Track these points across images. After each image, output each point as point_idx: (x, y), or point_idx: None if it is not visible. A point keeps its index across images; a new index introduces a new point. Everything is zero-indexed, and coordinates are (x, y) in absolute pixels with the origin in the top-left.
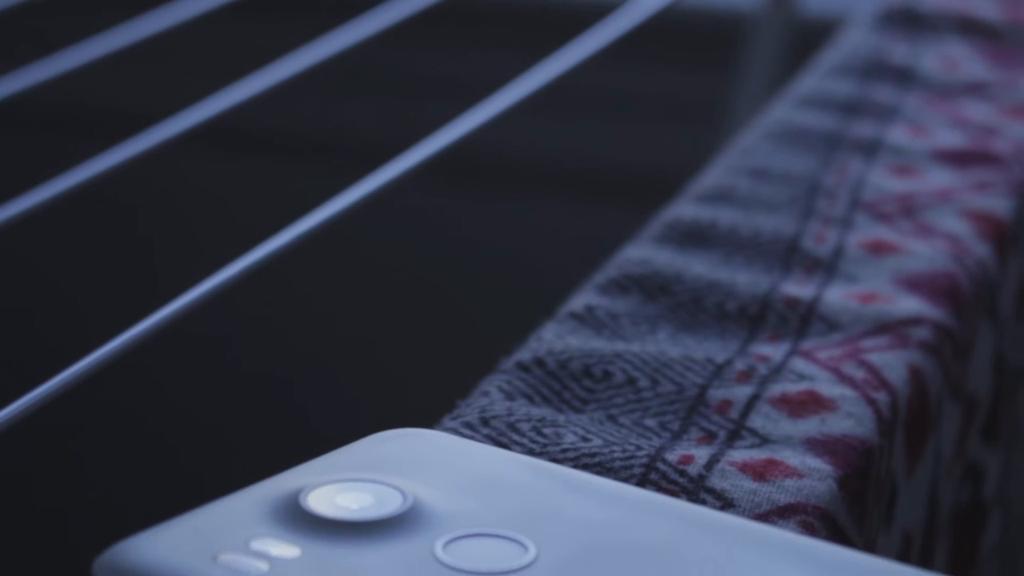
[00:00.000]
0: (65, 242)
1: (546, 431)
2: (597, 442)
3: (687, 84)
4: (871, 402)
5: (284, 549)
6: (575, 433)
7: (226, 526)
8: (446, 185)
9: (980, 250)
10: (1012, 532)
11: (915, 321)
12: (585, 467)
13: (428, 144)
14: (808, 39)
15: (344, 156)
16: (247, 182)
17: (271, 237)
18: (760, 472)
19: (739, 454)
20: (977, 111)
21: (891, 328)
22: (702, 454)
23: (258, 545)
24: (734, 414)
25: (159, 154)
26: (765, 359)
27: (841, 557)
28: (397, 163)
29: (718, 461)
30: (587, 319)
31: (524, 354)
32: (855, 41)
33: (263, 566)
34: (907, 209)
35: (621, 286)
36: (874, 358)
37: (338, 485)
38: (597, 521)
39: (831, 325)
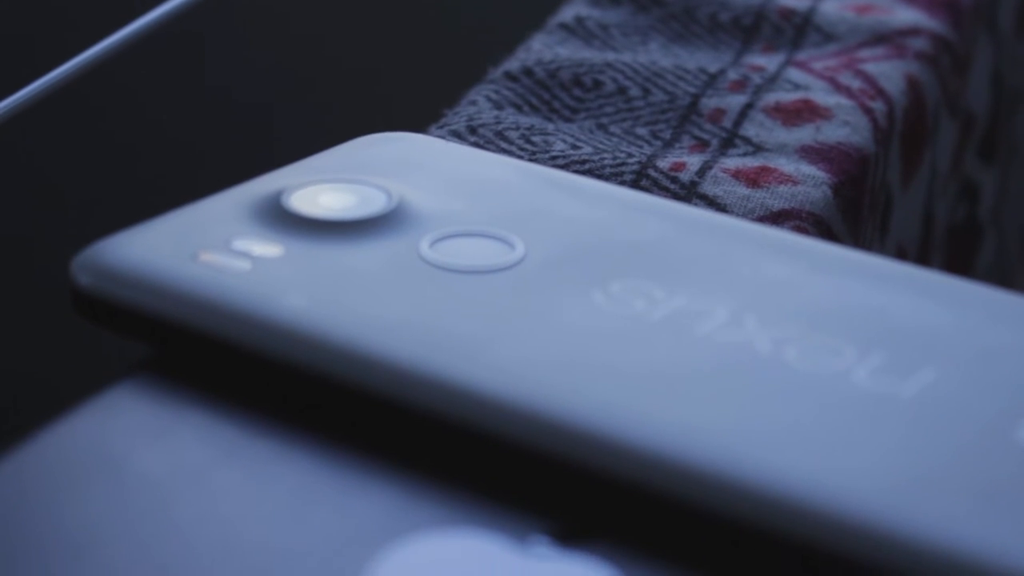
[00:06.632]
0: None
1: (535, 139)
2: (587, 150)
3: None
4: (867, 111)
5: (266, 248)
6: (564, 141)
7: (206, 225)
8: None
9: None
10: (1006, 253)
11: (913, 32)
12: (575, 173)
13: None
14: None
15: None
16: None
17: None
18: (753, 179)
19: (732, 161)
20: None
21: (888, 38)
22: (694, 161)
23: (239, 244)
24: (727, 122)
25: None
26: (759, 69)
27: (836, 253)
28: None
29: (711, 168)
30: (577, 30)
31: (512, 64)
32: None
33: (245, 264)
34: None
35: None
36: (871, 68)
37: (321, 185)
38: (587, 220)
39: (827, 36)
